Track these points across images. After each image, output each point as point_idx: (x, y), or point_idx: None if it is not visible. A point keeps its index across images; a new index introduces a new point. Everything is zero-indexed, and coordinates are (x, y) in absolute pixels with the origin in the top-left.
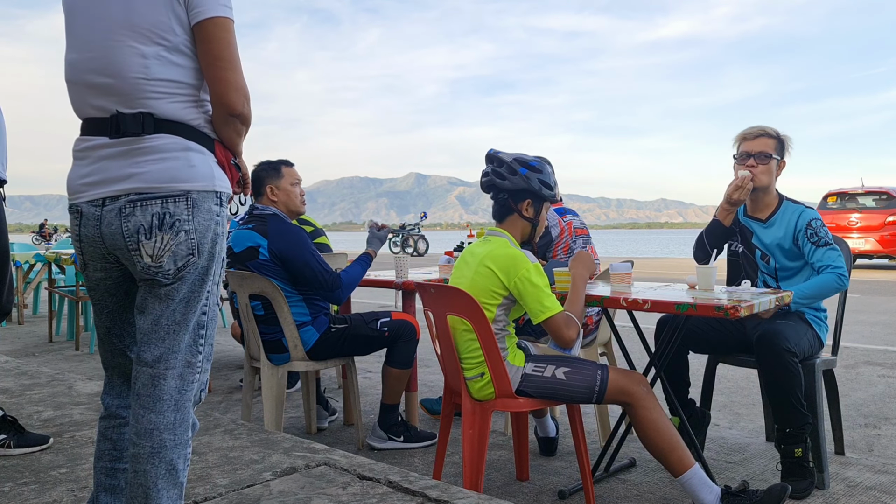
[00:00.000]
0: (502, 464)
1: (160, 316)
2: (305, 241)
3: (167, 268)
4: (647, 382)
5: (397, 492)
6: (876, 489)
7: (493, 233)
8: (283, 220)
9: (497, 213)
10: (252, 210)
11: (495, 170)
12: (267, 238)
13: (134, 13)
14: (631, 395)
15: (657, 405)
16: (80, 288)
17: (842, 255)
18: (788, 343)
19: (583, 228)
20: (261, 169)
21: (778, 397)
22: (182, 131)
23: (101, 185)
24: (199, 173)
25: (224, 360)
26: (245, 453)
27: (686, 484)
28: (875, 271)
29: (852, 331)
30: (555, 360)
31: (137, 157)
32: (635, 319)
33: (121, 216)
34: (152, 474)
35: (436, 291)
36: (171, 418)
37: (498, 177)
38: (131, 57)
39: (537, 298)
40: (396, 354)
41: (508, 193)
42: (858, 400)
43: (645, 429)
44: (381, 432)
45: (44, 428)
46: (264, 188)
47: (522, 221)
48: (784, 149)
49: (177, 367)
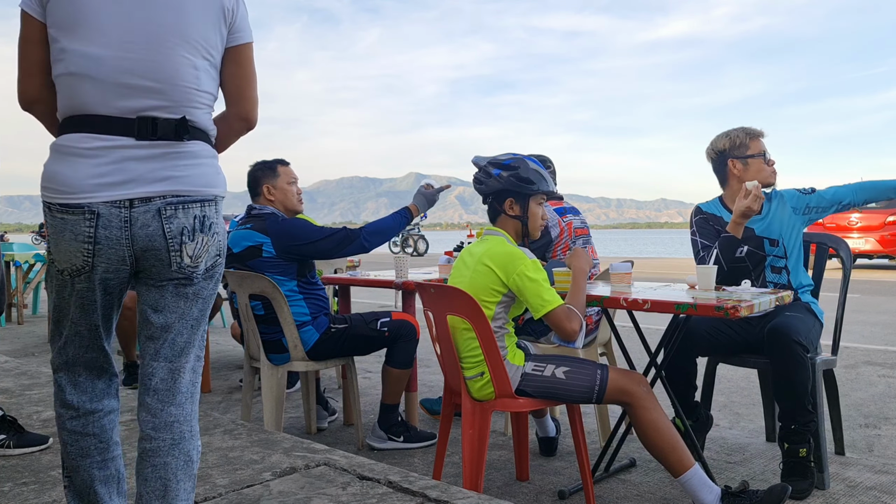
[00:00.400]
0: (502, 464)
1: (185, 313)
2: (305, 225)
3: (201, 268)
4: (647, 382)
5: (397, 492)
6: (876, 489)
7: (490, 232)
8: (282, 219)
9: (489, 215)
10: (250, 210)
11: (476, 175)
12: (269, 235)
13: (189, 25)
14: (631, 395)
15: (657, 405)
16: None
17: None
18: (800, 336)
19: (583, 228)
20: (257, 169)
21: (787, 390)
22: (208, 140)
23: (126, 186)
24: (222, 180)
25: (224, 360)
26: (245, 453)
27: (686, 484)
28: (875, 271)
29: (852, 331)
30: (554, 360)
31: (176, 161)
32: (635, 319)
33: (161, 217)
34: (172, 466)
35: (435, 291)
36: (188, 410)
37: (478, 182)
38: (185, 67)
39: (537, 293)
40: (396, 354)
41: (492, 196)
42: (858, 400)
43: (645, 429)
44: (381, 432)
45: (43, 428)
46: (261, 188)
47: (512, 220)
48: None
49: (190, 361)
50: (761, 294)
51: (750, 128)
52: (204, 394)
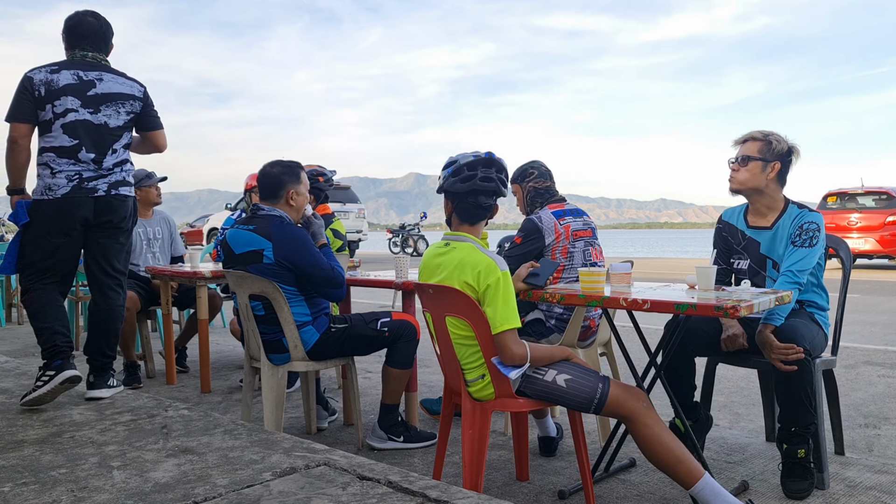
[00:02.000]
0: (502, 464)
1: None
2: (310, 242)
3: None
4: (647, 398)
5: (397, 492)
6: (876, 489)
7: (456, 238)
8: (287, 224)
9: (474, 215)
10: (256, 210)
11: (483, 174)
12: (271, 240)
13: None
14: (630, 411)
15: (658, 420)
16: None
17: (812, 256)
18: (804, 341)
19: (584, 230)
20: (281, 172)
21: (788, 394)
22: None
23: None
24: None
25: (224, 360)
26: (245, 453)
27: (699, 495)
28: (875, 271)
29: (852, 331)
30: (557, 365)
31: None
32: (635, 320)
33: None
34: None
35: (434, 292)
36: None
37: (487, 180)
38: None
39: (502, 307)
40: (396, 355)
41: (482, 195)
42: (858, 400)
43: (648, 445)
44: (381, 432)
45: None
46: (285, 192)
47: (485, 220)
48: (773, 150)
49: None
50: (761, 294)
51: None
52: (204, 394)
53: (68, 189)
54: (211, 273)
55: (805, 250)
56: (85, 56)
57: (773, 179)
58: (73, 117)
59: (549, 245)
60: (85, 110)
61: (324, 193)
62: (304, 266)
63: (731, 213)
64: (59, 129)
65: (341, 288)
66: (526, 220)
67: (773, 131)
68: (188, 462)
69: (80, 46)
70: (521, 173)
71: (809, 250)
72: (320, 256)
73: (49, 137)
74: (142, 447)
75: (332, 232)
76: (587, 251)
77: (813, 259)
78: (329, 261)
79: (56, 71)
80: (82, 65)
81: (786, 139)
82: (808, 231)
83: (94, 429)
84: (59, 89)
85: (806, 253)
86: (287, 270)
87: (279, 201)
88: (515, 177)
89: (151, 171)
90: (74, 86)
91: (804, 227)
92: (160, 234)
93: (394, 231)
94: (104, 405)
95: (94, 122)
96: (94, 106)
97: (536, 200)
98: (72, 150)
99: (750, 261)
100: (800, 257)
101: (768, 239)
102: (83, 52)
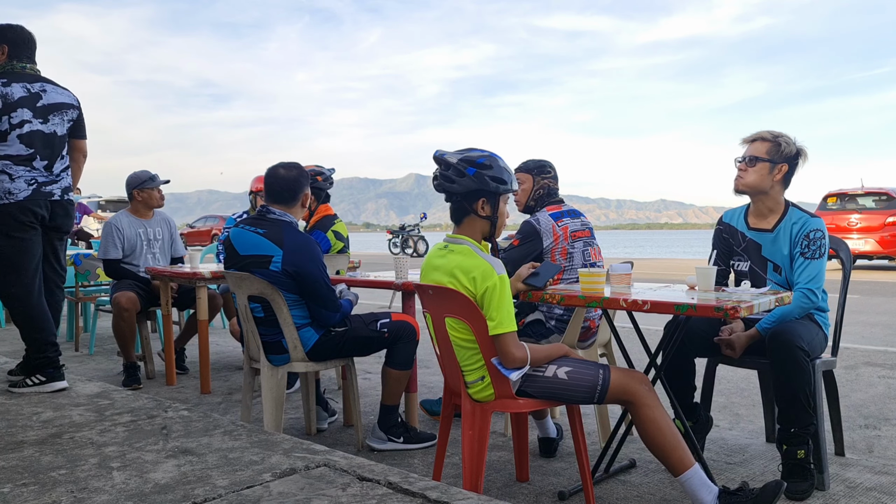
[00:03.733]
0: (502, 465)
1: None
2: (320, 257)
3: None
4: (648, 381)
5: (397, 493)
6: (876, 490)
7: (454, 241)
8: (299, 232)
9: (454, 215)
10: (267, 213)
11: (443, 173)
12: (282, 249)
13: None
14: (633, 394)
15: (659, 404)
16: (81, 289)
17: (823, 267)
18: (802, 341)
19: (583, 230)
20: (300, 175)
21: (787, 395)
22: None
23: None
24: None
25: (223, 361)
26: (245, 454)
27: (686, 483)
28: (875, 272)
29: (852, 331)
30: (556, 361)
31: None
32: (635, 320)
33: None
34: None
35: (434, 293)
36: None
37: (447, 180)
38: None
39: (500, 309)
40: (396, 355)
41: (461, 196)
42: (858, 401)
43: (646, 427)
44: (381, 433)
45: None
46: (303, 196)
47: (480, 220)
48: (782, 152)
49: None
50: (761, 294)
51: None
52: (203, 395)
53: (29, 192)
54: (211, 274)
55: (817, 263)
56: (24, 68)
57: (779, 181)
58: (29, 128)
59: (548, 247)
60: (37, 121)
61: (324, 193)
62: (309, 278)
63: (732, 214)
64: (14, 139)
65: (337, 313)
66: (524, 222)
67: (782, 132)
68: (188, 463)
69: (19, 58)
70: (540, 167)
71: (820, 262)
72: (327, 275)
73: (3, 146)
74: (141, 448)
75: (333, 234)
76: (586, 251)
77: (823, 270)
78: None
79: (8, 84)
80: (26, 77)
81: (795, 141)
82: (815, 241)
83: (93, 430)
84: (14, 102)
85: (818, 267)
86: (291, 279)
87: (294, 205)
88: (532, 167)
89: (155, 173)
90: (26, 98)
91: (811, 236)
92: (160, 235)
93: (394, 232)
94: (104, 406)
95: (46, 132)
96: (44, 116)
97: (542, 200)
98: (28, 158)
99: (750, 262)
100: (814, 273)
101: (769, 242)
102: (21, 63)
